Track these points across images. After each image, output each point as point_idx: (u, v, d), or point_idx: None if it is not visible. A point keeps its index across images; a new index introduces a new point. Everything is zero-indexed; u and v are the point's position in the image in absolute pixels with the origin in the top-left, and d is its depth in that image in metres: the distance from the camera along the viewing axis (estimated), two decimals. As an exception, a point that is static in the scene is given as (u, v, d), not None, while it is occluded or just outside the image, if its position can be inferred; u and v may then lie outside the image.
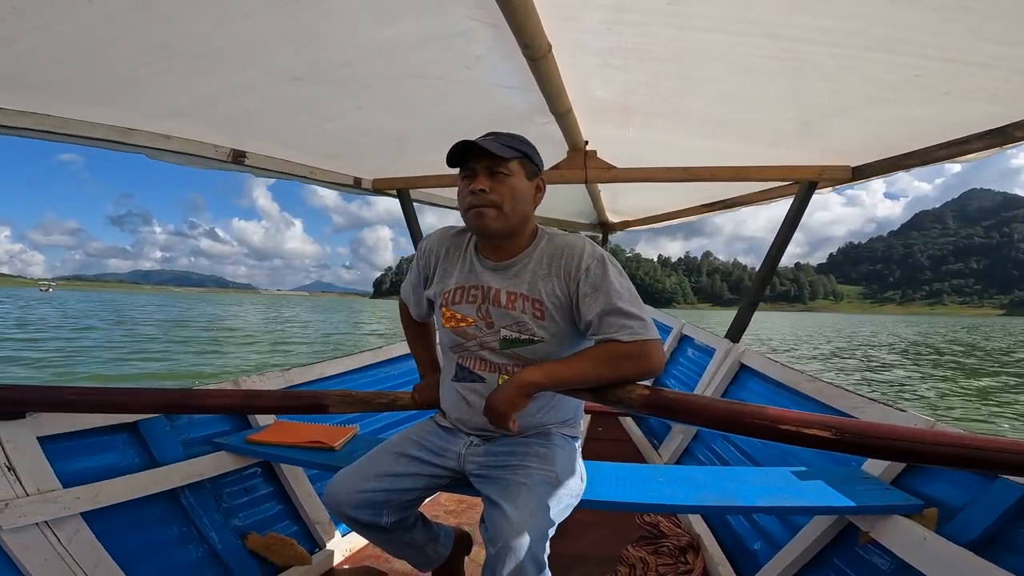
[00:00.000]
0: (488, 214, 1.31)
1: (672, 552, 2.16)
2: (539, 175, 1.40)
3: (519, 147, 1.34)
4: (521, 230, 1.38)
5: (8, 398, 1.51)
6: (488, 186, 1.30)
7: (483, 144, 1.27)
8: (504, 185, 1.30)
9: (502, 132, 1.37)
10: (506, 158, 1.30)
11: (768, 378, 2.63)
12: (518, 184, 1.32)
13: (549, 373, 1.27)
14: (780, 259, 3.06)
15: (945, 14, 1.22)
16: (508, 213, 1.32)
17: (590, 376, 1.26)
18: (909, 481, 1.60)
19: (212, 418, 2.10)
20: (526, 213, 1.36)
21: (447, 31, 1.56)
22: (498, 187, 1.30)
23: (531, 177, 1.37)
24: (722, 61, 1.67)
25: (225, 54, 1.58)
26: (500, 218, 1.31)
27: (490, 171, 1.31)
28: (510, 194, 1.31)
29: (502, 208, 1.31)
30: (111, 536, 1.62)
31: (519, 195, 1.32)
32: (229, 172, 2.56)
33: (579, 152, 2.72)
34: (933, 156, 2.09)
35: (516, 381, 1.27)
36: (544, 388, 1.28)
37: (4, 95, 1.65)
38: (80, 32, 1.36)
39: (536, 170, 1.38)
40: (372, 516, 1.38)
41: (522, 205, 1.34)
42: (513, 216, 1.33)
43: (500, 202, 1.30)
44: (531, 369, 1.28)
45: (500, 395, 1.28)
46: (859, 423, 1.07)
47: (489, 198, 1.30)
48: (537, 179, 1.39)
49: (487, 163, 1.30)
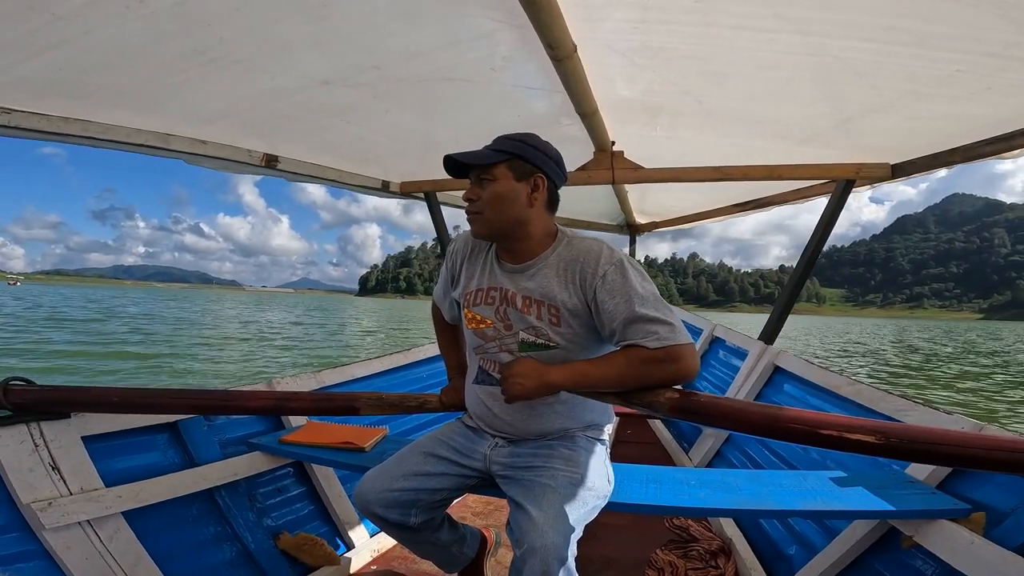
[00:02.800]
0: (475, 220, 1.35)
1: (702, 556, 2.13)
2: (536, 174, 1.34)
3: (509, 148, 1.31)
4: (522, 232, 1.35)
5: (54, 398, 1.55)
6: (476, 193, 1.33)
7: (458, 157, 1.30)
8: (487, 191, 1.31)
9: (510, 134, 1.36)
10: (487, 164, 1.30)
11: (805, 380, 2.57)
12: (502, 188, 1.30)
13: (574, 376, 1.25)
14: (816, 260, 2.99)
15: (983, 9, 1.18)
16: (490, 218, 1.32)
17: (612, 381, 1.23)
18: (954, 485, 1.56)
19: (247, 419, 2.14)
20: (518, 215, 1.32)
21: (473, 33, 1.57)
22: (482, 193, 1.32)
23: (522, 178, 1.32)
24: (752, 59, 1.64)
25: (258, 60, 1.62)
26: (483, 223, 1.33)
27: (478, 178, 1.33)
28: (490, 199, 1.31)
29: (484, 214, 1.32)
30: (149, 535, 1.66)
31: (503, 198, 1.30)
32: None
33: (606, 153, 2.71)
34: (976, 152, 2.02)
35: (542, 377, 1.24)
36: (567, 389, 1.27)
37: (48, 101, 1.71)
38: (120, 38, 1.39)
39: (532, 168, 1.33)
40: (400, 516, 1.40)
41: (509, 208, 1.31)
42: (497, 220, 1.32)
43: (483, 208, 1.32)
44: (557, 368, 1.26)
45: (520, 379, 1.25)
46: (906, 427, 1.03)
47: (475, 205, 1.33)
48: (533, 178, 1.33)
49: (477, 171, 1.32)
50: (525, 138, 1.35)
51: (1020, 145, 1.86)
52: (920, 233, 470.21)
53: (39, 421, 1.52)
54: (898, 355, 27.02)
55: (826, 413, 1.11)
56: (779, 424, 1.09)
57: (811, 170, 2.60)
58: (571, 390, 1.28)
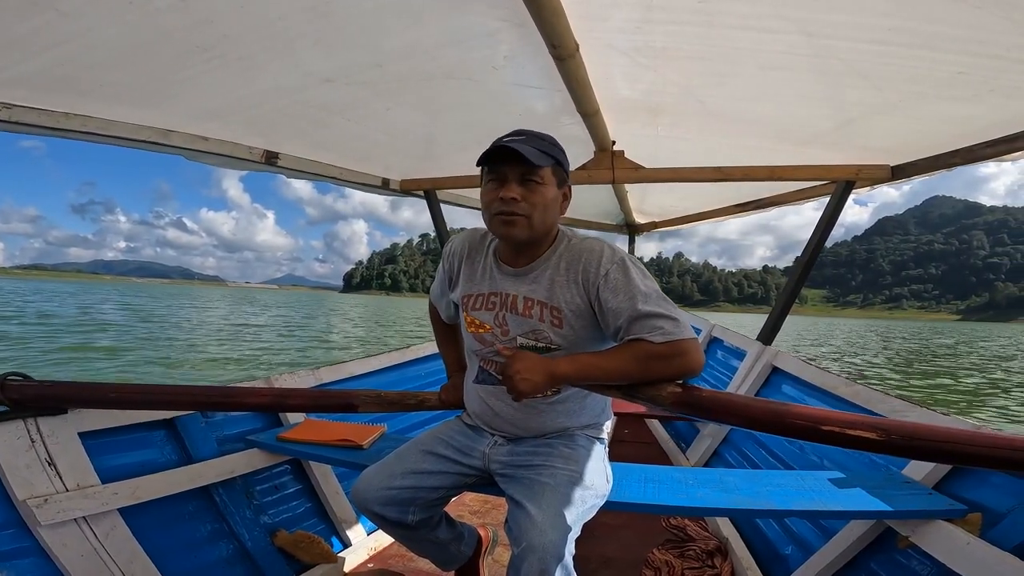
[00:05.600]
0: (518, 223, 1.25)
1: (699, 556, 2.13)
2: (567, 183, 1.35)
3: (552, 153, 1.28)
4: (543, 239, 1.34)
5: (50, 394, 1.54)
6: (520, 194, 1.24)
7: (521, 150, 1.20)
8: (536, 194, 1.25)
9: (532, 132, 1.30)
10: (539, 166, 1.24)
11: (802, 381, 2.58)
12: (549, 193, 1.27)
13: (579, 367, 1.23)
14: (815, 261, 3.00)
15: (988, 10, 1.18)
16: (536, 224, 1.27)
17: (616, 374, 1.22)
18: (951, 486, 1.56)
19: (245, 415, 2.14)
20: (553, 222, 1.32)
21: (475, 31, 1.56)
22: (530, 196, 1.25)
23: (560, 184, 1.32)
24: (755, 59, 1.64)
25: (261, 56, 1.61)
26: (528, 229, 1.26)
27: (522, 178, 1.25)
28: (541, 204, 1.26)
29: (531, 219, 1.25)
30: (146, 532, 1.65)
31: (549, 205, 1.27)
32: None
33: (606, 152, 2.70)
34: (978, 155, 2.02)
35: (547, 369, 1.22)
36: (573, 382, 1.26)
37: (49, 97, 1.70)
38: (123, 34, 1.39)
39: (565, 177, 1.34)
40: (398, 513, 1.39)
41: (551, 215, 1.29)
42: (541, 227, 1.28)
43: (530, 212, 1.25)
44: (563, 360, 1.24)
45: (526, 373, 1.21)
46: (907, 424, 1.03)
47: (521, 207, 1.24)
48: (565, 187, 1.34)
49: (520, 169, 1.24)
50: (555, 142, 1.32)
51: (1021, 147, 1.85)
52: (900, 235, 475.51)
53: (36, 417, 1.52)
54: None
55: (828, 409, 1.10)
56: (782, 420, 1.09)
57: (812, 171, 2.60)
58: (576, 382, 1.27)
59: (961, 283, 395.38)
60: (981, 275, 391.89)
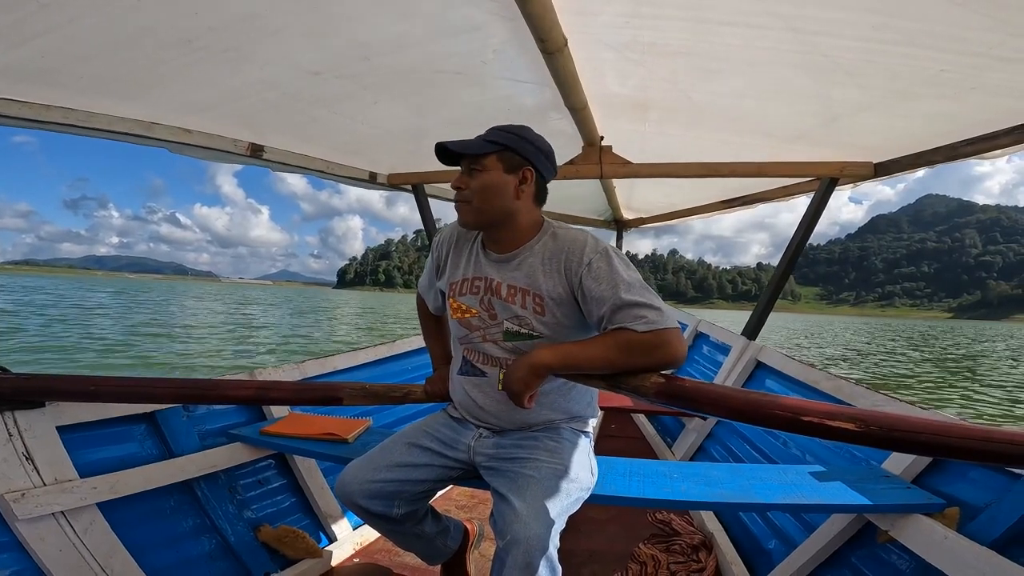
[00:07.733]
0: (462, 209, 1.36)
1: (684, 550, 2.15)
2: (525, 167, 1.35)
3: (500, 140, 1.32)
4: (509, 223, 1.36)
5: (28, 387, 1.52)
6: (464, 182, 1.34)
7: (450, 145, 1.31)
8: (476, 180, 1.32)
9: (503, 125, 1.37)
10: (479, 154, 1.31)
11: (786, 375, 2.61)
12: (492, 179, 1.32)
13: (561, 356, 1.24)
14: (798, 257, 3.03)
15: (971, 8, 1.19)
16: (479, 208, 1.34)
17: (599, 363, 1.23)
18: (930, 480, 1.58)
19: (228, 409, 2.12)
20: (504, 206, 1.34)
21: (464, 25, 1.55)
22: (471, 182, 1.33)
23: (511, 170, 1.34)
24: (742, 55, 1.65)
25: (247, 49, 1.60)
26: (472, 212, 1.35)
27: (468, 167, 1.34)
28: (478, 189, 1.32)
29: (473, 203, 1.34)
30: (126, 527, 1.63)
31: (492, 189, 1.32)
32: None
33: (594, 147, 2.71)
34: (959, 152, 2.05)
35: (528, 361, 1.25)
36: (556, 370, 1.26)
37: (30, 89, 1.67)
38: (105, 27, 1.37)
39: (521, 161, 1.34)
40: (383, 507, 1.39)
41: (498, 199, 1.33)
42: (487, 210, 1.34)
43: (471, 198, 1.33)
44: (543, 350, 1.26)
45: (513, 374, 1.26)
46: (887, 415, 1.03)
47: (463, 194, 1.35)
48: (521, 171, 1.35)
49: (468, 160, 1.34)
50: (518, 131, 1.35)
51: (1002, 145, 1.88)
52: (893, 233, 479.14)
53: (13, 410, 1.49)
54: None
55: (808, 400, 1.11)
56: (762, 410, 1.09)
57: (797, 168, 2.62)
58: (559, 371, 1.27)
59: (953, 281, 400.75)
60: (973, 273, 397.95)
